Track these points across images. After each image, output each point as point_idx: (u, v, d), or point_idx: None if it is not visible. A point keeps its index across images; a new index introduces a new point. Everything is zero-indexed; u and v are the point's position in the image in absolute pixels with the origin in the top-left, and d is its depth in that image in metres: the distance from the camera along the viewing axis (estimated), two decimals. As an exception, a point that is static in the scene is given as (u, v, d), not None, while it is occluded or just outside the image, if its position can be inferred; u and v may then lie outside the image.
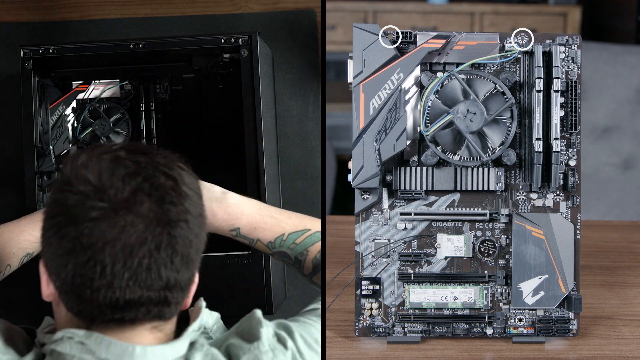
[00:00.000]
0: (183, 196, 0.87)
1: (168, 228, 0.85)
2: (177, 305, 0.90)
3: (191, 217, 0.87)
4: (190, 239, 0.87)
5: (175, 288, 0.87)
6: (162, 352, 0.88)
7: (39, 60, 1.30)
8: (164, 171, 0.87)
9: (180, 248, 0.86)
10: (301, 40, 1.43)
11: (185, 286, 0.89)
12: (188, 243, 0.87)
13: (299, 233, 1.10)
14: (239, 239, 1.12)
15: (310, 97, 1.42)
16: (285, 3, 1.45)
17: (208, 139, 1.35)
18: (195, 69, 1.35)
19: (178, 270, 0.86)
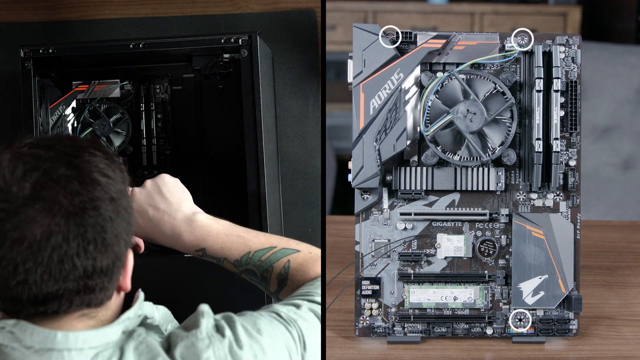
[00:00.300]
0: (89, 183, 0.87)
1: (75, 218, 0.85)
2: (105, 291, 0.90)
3: (102, 202, 0.87)
4: (102, 224, 0.87)
5: (95, 275, 0.87)
6: (85, 337, 0.88)
7: (39, 60, 1.30)
8: (67, 161, 0.87)
9: (92, 235, 0.86)
10: (301, 40, 1.43)
11: (108, 270, 0.89)
12: (100, 229, 0.87)
13: (265, 250, 1.11)
14: (206, 258, 1.14)
15: (310, 97, 1.42)
16: (285, 3, 1.45)
17: (208, 139, 1.35)
18: (195, 69, 1.35)
19: (94, 258, 0.86)
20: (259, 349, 0.93)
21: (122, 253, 0.91)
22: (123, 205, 0.90)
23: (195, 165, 1.36)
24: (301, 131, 1.42)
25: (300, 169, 1.41)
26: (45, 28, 1.48)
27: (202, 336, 0.91)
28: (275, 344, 0.95)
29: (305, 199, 1.41)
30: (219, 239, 1.12)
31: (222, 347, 0.91)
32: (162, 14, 1.47)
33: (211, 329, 0.93)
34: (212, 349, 0.90)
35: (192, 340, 0.91)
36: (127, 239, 0.92)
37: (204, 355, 0.89)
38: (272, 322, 0.97)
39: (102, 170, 0.89)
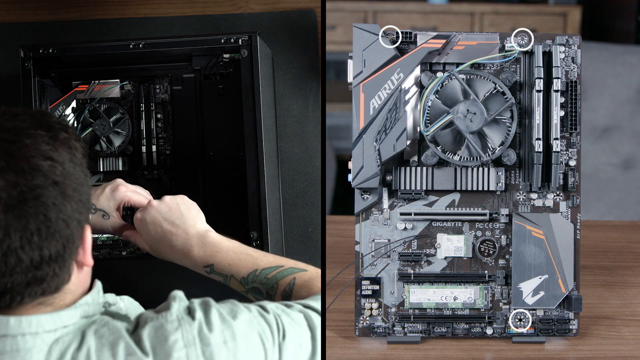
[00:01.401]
0: (27, 171, 0.84)
1: (14, 211, 0.83)
2: (57, 277, 0.88)
3: (43, 189, 0.84)
4: (45, 213, 0.84)
5: (43, 264, 0.86)
6: (38, 321, 0.87)
7: (39, 60, 1.30)
8: (3, 150, 0.84)
9: (35, 225, 0.84)
10: (301, 40, 1.43)
11: (59, 257, 0.87)
12: (43, 218, 0.84)
13: (272, 269, 1.10)
14: (213, 275, 1.13)
15: (310, 97, 1.42)
16: (285, 3, 1.45)
17: (208, 139, 1.35)
18: (195, 69, 1.35)
19: (40, 247, 0.85)
20: (230, 334, 0.91)
21: (75, 234, 0.88)
22: (71, 186, 0.87)
23: (195, 165, 1.36)
24: (301, 131, 1.42)
25: (300, 169, 1.41)
26: (45, 28, 1.48)
27: (172, 318, 0.90)
28: (249, 332, 0.92)
29: (305, 199, 1.41)
30: (228, 256, 1.12)
31: (191, 330, 0.89)
32: (162, 14, 1.47)
33: (182, 312, 0.91)
34: (181, 331, 0.89)
35: (161, 322, 0.90)
36: (80, 217, 0.89)
37: (172, 338, 0.88)
38: (253, 311, 0.95)
39: (44, 153, 0.86)
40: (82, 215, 0.89)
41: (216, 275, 1.13)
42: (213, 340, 0.90)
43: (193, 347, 0.88)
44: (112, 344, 0.88)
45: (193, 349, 0.88)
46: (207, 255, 1.12)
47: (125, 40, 1.29)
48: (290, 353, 0.95)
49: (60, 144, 0.88)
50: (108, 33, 1.47)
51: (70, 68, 1.36)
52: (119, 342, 0.88)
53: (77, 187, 0.88)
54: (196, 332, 0.90)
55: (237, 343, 0.91)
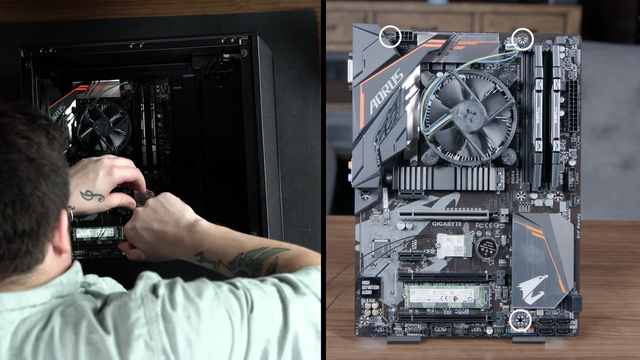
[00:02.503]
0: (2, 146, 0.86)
1: None
2: (30, 255, 0.89)
3: (18, 164, 0.86)
4: (19, 186, 0.86)
5: (16, 238, 0.87)
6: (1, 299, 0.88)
7: (39, 60, 1.30)
8: None
9: (9, 198, 0.85)
10: (301, 40, 1.43)
11: (32, 233, 0.88)
12: (17, 191, 0.86)
13: (257, 251, 1.11)
14: (204, 263, 1.14)
15: (310, 97, 1.42)
16: (285, 3, 1.45)
17: (208, 139, 1.35)
18: (195, 69, 1.35)
19: (14, 220, 0.86)
20: (194, 310, 0.90)
21: (49, 214, 0.90)
22: (47, 166, 0.89)
23: (195, 165, 1.36)
24: (301, 131, 1.42)
25: (300, 169, 1.41)
26: (45, 28, 1.48)
27: (135, 296, 0.90)
28: (214, 308, 0.92)
29: (305, 199, 1.41)
30: (216, 242, 1.14)
31: (154, 307, 0.89)
32: (162, 14, 1.47)
33: (147, 290, 0.92)
34: (143, 309, 0.89)
35: (124, 300, 0.90)
36: (56, 199, 0.90)
37: (134, 315, 0.88)
38: (222, 287, 0.95)
39: (20, 132, 0.88)
40: (58, 197, 0.91)
41: (206, 262, 1.14)
42: (175, 317, 0.89)
43: (155, 324, 0.88)
44: (75, 323, 0.88)
45: (155, 325, 0.88)
46: (196, 243, 1.14)
47: (125, 41, 1.29)
48: (260, 325, 0.94)
49: (37, 127, 0.91)
50: (108, 33, 1.47)
51: (70, 68, 1.36)
52: (82, 321, 0.88)
53: (54, 168, 0.90)
54: (159, 310, 0.89)
55: (202, 319, 0.90)
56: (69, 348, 0.87)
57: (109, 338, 0.87)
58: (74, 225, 1.31)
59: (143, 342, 0.87)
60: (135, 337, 0.87)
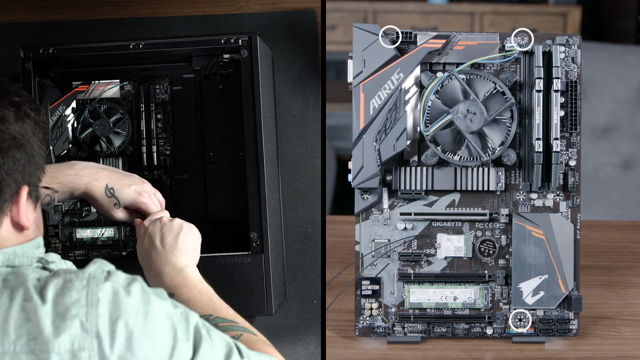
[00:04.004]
0: None
1: None
2: None
3: None
4: None
5: None
6: None
7: (39, 60, 1.30)
8: None
9: None
10: (301, 40, 1.43)
11: None
12: None
13: (226, 320, 1.06)
14: None
15: (310, 97, 1.42)
16: (285, 3, 1.45)
17: (208, 139, 1.35)
18: (195, 69, 1.35)
19: None
20: (144, 311, 0.89)
21: (4, 189, 0.91)
22: (6, 140, 0.90)
23: (195, 165, 1.36)
24: (301, 131, 1.42)
25: (300, 169, 1.41)
26: (45, 28, 1.48)
27: (83, 276, 0.89)
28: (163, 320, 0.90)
29: (305, 199, 1.41)
30: (191, 293, 1.10)
31: (97, 291, 0.88)
32: (162, 14, 1.47)
33: (97, 273, 0.90)
34: (86, 291, 0.88)
35: (71, 277, 0.89)
36: (15, 174, 0.91)
37: (75, 295, 0.87)
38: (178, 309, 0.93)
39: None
40: (18, 173, 0.91)
41: None
42: (125, 307, 0.88)
43: (94, 308, 0.87)
44: (12, 289, 0.88)
45: (94, 309, 0.87)
46: (172, 284, 1.10)
47: (125, 41, 1.29)
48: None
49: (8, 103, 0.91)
50: (108, 33, 1.47)
51: (70, 68, 1.35)
52: (19, 288, 0.88)
53: (15, 144, 0.91)
54: (105, 294, 0.88)
55: (148, 322, 0.89)
56: (1, 312, 0.86)
57: (44, 308, 0.86)
58: (73, 225, 1.31)
59: (79, 322, 0.86)
60: (72, 315, 0.86)
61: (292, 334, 1.34)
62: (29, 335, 0.86)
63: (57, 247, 1.29)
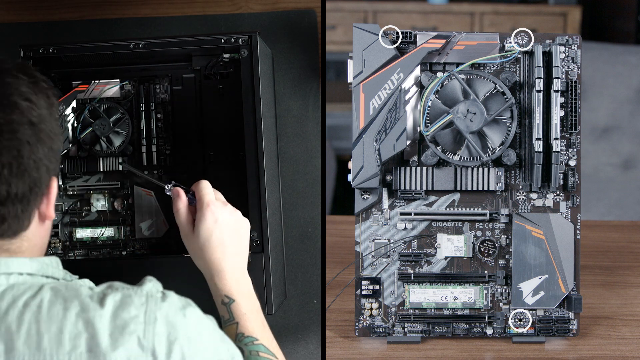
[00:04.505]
0: (6, 106, 0.86)
1: None
2: (18, 220, 0.89)
3: (19, 126, 0.86)
4: (18, 148, 0.86)
5: (8, 201, 0.86)
6: None
7: (39, 60, 1.30)
8: None
9: (7, 159, 0.85)
10: (301, 40, 1.43)
11: (24, 197, 0.88)
12: (16, 153, 0.86)
13: (268, 351, 1.03)
14: (223, 307, 1.07)
15: (310, 97, 1.42)
16: (285, 3, 1.44)
17: (208, 139, 1.35)
18: (195, 69, 1.35)
19: (9, 183, 0.86)
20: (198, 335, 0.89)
21: (42, 180, 0.90)
22: (45, 131, 0.89)
23: (195, 165, 1.35)
24: (301, 131, 1.42)
25: (300, 169, 1.41)
26: (45, 28, 1.48)
27: (141, 293, 0.89)
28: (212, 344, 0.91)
29: (305, 199, 1.41)
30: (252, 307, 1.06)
31: (156, 309, 0.88)
32: (162, 14, 1.47)
33: (154, 291, 0.90)
34: (145, 308, 0.88)
35: (130, 292, 0.89)
36: (50, 165, 0.90)
37: (134, 310, 0.87)
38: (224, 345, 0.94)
39: (24, 94, 0.88)
40: (52, 164, 0.91)
41: (226, 310, 1.06)
42: (182, 328, 0.88)
43: (152, 326, 0.87)
44: (65, 299, 0.87)
45: (152, 327, 0.87)
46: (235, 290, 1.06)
47: (125, 40, 1.29)
48: None
49: (39, 90, 0.91)
50: (108, 33, 1.47)
51: (70, 68, 1.35)
52: (73, 299, 0.87)
53: (51, 135, 0.90)
54: (163, 313, 0.88)
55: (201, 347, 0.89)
56: (55, 321, 0.85)
57: (102, 320, 0.86)
58: (73, 224, 1.31)
59: (136, 338, 0.86)
60: (130, 331, 0.86)
61: (292, 333, 1.34)
62: (85, 346, 0.85)
63: (57, 246, 1.29)
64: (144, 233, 1.29)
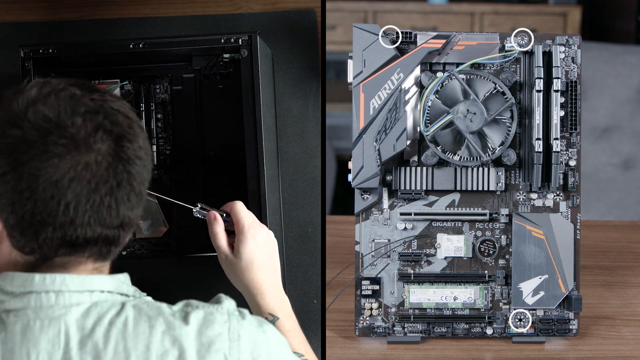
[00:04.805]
0: (137, 134, 0.89)
1: (127, 165, 0.87)
2: (120, 245, 0.91)
3: (144, 154, 0.90)
4: (144, 176, 0.90)
5: (129, 226, 0.89)
6: (63, 279, 0.87)
7: (39, 60, 1.30)
8: (119, 109, 0.89)
9: (137, 185, 0.88)
10: (301, 40, 1.43)
11: (133, 224, 0.91)
12: (142, 180, 0.89)
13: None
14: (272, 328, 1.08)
15: (310, 97, 1.42)
16: (285, 3, 1.44)
17: (208, 139, 1.35)
18: (195, 69, 1.35)
19: (133, 208, 0.88)
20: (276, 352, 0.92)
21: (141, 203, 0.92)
22: (149, 153, 0.93)
23: (195, 165, 1.35)
24: (301, 131, 1.42)
25: (300, 169, 1.41)
26: (45, 28, 1.48)
27: (223, 310, 0.91)
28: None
29: (305, 199, 1.41)
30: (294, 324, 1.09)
31: (238, 327, 0.90)
32: (162, 14, 1.47)
33: (233, 309, 0.92)
34: (228, 325, 0.89)
35: (211, 310, 0.90)
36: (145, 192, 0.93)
37: (218, 328, 0.88)
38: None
39: (137, 121, 0.91)
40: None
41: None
42: (263, 345, 0.90)
43: (236, 343, 0.89)
44: (150, 317, 0.88)
45: (236, 344, 0.89)
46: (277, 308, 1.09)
47: (125, 40, 1.29)
48: None
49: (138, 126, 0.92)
50: (108, 33, 1.47)
51: (70, 68, 1.35)
52: (158, 317, 0.88)
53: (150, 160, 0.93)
54: (247, 331, 0.90)
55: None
56: (141, 339, 0.86)
57: (188, 338, 0.87)
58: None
59: (223, 355, 0.87)
60: (216, 348, 0.87)
61: (292, 334, 1.34)
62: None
63: (57, 247, 1.29)
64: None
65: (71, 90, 0.88)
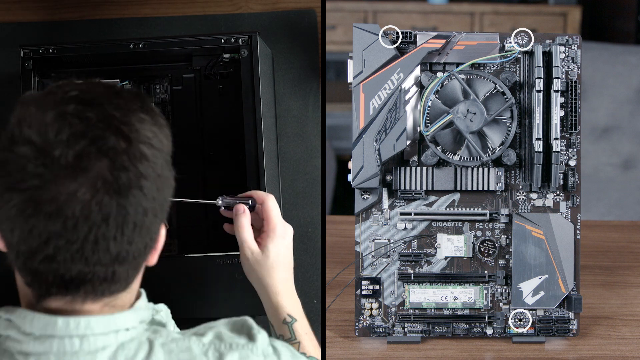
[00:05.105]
0: (137, 158, 0.78)
1: (117, 197, 0.76)
2: (129, 277, 0.83)
3: (147, 181, 0.79)
4: (145, 206, 0.79)
5: (126, 261, 0.80)
6: (87, 323, 0.81)
7: (39, 60, 1.30)
8: (116, 128, 0.78)
9: (133, 218, 0.78)
10: (301, 40, 1.43)
11: (140, 254, 0.82)
12: (142, 212, 0.78)
13: None
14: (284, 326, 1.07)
15: (310, 97, 1.42)
16: (285, 3, 1.44)
17: (208, 139, 1.35)
18: (195, 69, 1.35)
19: (130, 242, 0.79)
20: None
21: (157, 232, 0.84)
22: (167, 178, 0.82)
23: (195, 165, 1.36)
24: (301, 131, 1.42)
25: (300, 169, 1.41)
26: (45, 28, 1.48)
27: (258, 351, 0.87)
28: None
29: (305, 199, 1.41)
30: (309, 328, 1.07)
31: None
32: (162, 14, 1.47)
33: (267, 347, 0.88)
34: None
35: (247, 353, 0.86)
36: (163, 215, 0.83)
37: None
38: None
39: (150, 141, 0.80)
40: (165, 213, 0.84)
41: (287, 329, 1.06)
42: None
43: None
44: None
45: None
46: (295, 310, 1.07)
47: (125, 40, 1.29)
48: None
49: (162, 131, 0.83)
50: (108, 33, 1.47)
51: (70, 68, 1.36)
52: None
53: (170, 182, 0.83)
54: None
55: None
56: None
57: None
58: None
59: None
60: None
61: (292, 334, 1.34)
62: None
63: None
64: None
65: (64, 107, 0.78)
